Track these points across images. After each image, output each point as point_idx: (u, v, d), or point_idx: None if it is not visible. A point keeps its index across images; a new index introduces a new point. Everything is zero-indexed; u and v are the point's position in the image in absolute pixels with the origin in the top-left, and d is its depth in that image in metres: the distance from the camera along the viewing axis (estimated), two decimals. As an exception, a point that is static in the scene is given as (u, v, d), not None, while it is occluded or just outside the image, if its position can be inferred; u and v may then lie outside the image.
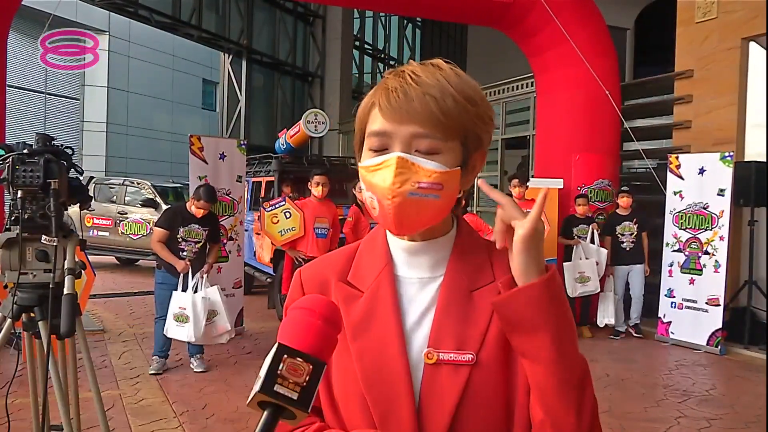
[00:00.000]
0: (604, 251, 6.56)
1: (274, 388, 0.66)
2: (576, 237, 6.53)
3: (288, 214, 5.53)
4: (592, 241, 6.57)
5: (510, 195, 6.70)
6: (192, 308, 4.73)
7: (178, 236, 4.88)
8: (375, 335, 0.87)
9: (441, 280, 0.89)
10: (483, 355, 0.83)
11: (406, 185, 0.81)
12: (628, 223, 6.55)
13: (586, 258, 6.47)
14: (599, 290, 6.47)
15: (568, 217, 6.73)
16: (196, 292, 4.85)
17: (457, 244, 0.92)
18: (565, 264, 6.52)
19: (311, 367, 0.68)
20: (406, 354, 0.85)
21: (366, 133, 0.88)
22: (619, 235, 6.56)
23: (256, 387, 0.66)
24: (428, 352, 0.84)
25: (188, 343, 4.98)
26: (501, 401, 0.85)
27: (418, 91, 0.82)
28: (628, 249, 6.53)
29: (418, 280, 0.90)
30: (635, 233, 6.53)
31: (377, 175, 0.83)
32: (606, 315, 6.52)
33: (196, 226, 4.95)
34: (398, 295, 0.89)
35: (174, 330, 4.78)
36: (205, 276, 4.96)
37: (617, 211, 6.69)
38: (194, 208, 4.94)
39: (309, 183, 5.55)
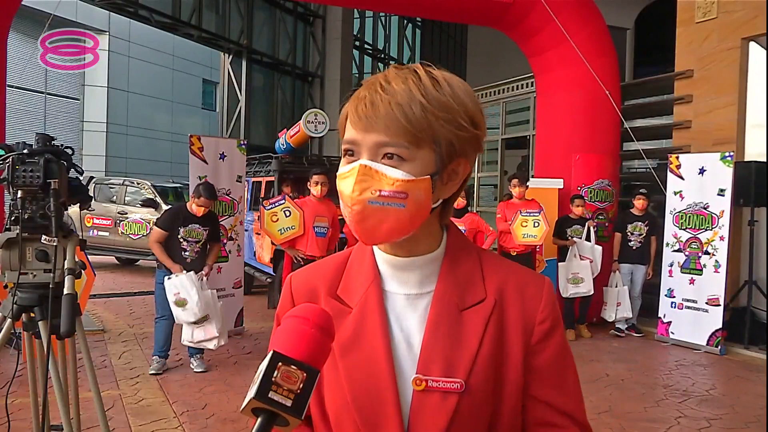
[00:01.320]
0: (599, 248, 6.56)
1: (269, 395, 0.67)
2: (570, 237, 6.53)
3: (288, 213, 5.53)
4: (588, 240, 6.56)
5: (510, 195, 6.71)
6: (185, 291, 4.73)
7: (179, 236, 4.89)
8: (363, 354, 0.85)
9: (430, 297, 0.87)
10: (472, 380, 0.82)
11: (366, 193, 0.80)
12: (639, 223, 6.59)
13: (581, 258, 6.45)
14: (592, 292, 6.46)
15: (561, 218, 6.73)
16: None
17: (447, 259, 0.90)
18: (560, 264, 6.53)
19: (305, 374, 0.69)
20: (394, 375, 0.84)
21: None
22: (628, 234, 6.59)
23: (251, 393, 0.67)
24: (416, 379, 0.83)
25: (188, 346, 5.00)
26: (486, 425, 0.85)
27: (385, 99, 0.80)
28: (634, 248, 6.58)
29: (406, 297, 0.89)
30: (644, 234, 6.57)
31: (344, 183, 0.83)
32: (624, 310, 6.52)
33: (197, 225, 4.96)
34: (386, 311, 0.88)
35: (179, 314, 4.80)
36: (204, 278, 4.96)
37: (632, 210, 6.72)
38: (195, 206, 4.94)
39: (308, 182, 5.56)
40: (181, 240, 4.89)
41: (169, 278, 4.79)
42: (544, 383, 0.88)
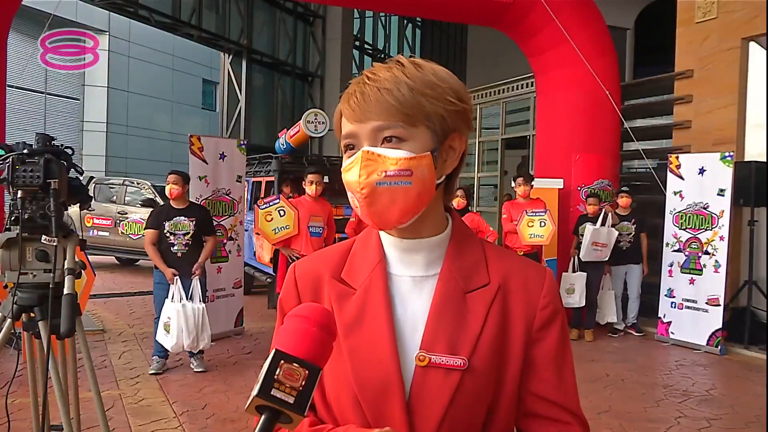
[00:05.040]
0: (615, 233, 6.42)
1: (271, 392, 0.68)
2: (580, 235, 6.48)
3: (282, 212, 5.52)
4: (603, 224, 6.40)
5: (510, 195, 6.71)
6: (176, 318, 4.70)
7: (165, 231, 4.88)
8: (367, 333, 0.87)
9: (435, 279, 0.89)
10: (475, 360, 0.84)
11: (373, 176, 0.83)
12: (626, 223, 6.58)
13: (596, 245, 6.28)
14: (582, 305, 6.37)
15: (580, 216, 6.71)
16: (190, 297, 4.82)
17: (453, 244, 0.92)
18: (563, 275, 6.47)
19: (307, 372, 0.70)
20: (397, 354, 0.85)
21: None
22: None
23: (254, 391, 0.68)
24: (420, 355, 0.84)
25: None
26: (486, 405, 0.85)
27: (373, 88, 0.84)
28: (624, 248, 6.56)
29: (411, 279, 0.90)
30: (633, 233, 6.56)
31: (349, 174, 0.85)
32: (608, 313, 6.52)
33: (182, 217, 4.94)
34: (391, 293, 0.89)
35: (162, 337, 4.78)
36: (195, 278, 4.87)
37: (617, 211, 6.70)
38: (168, 188, 4.97)
39: (303, 182, 5.56)
40: (168, 234, 4.87)
41: (168, 298, 4.79)
42: (545, 377, 0.88)
